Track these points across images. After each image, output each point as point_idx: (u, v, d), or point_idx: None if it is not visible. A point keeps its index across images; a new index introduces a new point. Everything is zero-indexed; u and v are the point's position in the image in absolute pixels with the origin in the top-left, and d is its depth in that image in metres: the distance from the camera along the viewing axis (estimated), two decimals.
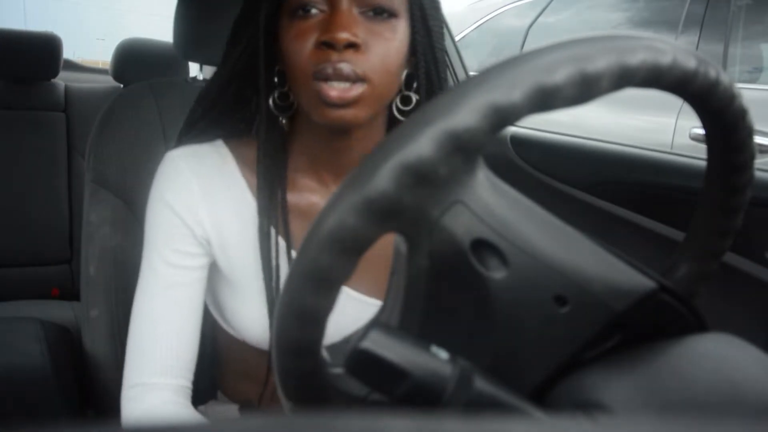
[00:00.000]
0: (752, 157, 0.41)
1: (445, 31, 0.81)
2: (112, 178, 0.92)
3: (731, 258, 0.79)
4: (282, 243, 0.69)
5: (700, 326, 0.38)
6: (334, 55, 0.59)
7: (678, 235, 0.87)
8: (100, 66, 3.17)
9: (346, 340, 0.40)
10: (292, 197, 0.71)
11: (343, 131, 0.66)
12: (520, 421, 0.20)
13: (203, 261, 0.70)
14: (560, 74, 0.31)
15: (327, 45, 0.59)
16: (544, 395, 0.37)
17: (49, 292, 1.77)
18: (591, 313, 0.36)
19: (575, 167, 1.06)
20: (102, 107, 0.96)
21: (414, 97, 0.68)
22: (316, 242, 0.32)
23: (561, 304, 0.36)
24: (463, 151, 0.31)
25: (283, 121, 0.69)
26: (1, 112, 1.78)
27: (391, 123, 0.70)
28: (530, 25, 2.92)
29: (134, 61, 1.90)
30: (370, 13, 0.61)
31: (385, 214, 0.31)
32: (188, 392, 0.69)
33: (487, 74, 0.32)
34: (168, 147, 0.78)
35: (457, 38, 1.28)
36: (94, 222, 0.90)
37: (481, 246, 0.36)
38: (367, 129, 0.67)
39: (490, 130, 0.31)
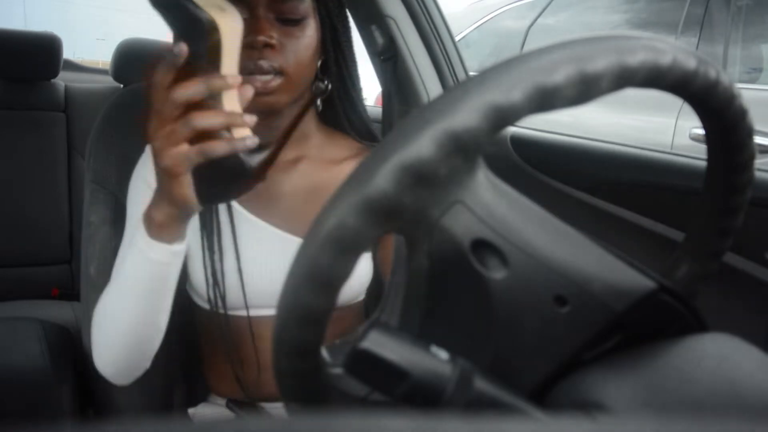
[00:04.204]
0: (752, 157, 0.41)
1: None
2: (112, 178, 0.92)
3: (731, 258, 0.79)
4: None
5: (700, 326, 0.38)
6: (255, 54, 0.72)
7: (678, 235, 0.87)
8: (100, 66, 3.17)
9: (345, 341, 0.40)
10: None
11: (272, 112, 0.78)
12: (520, 421, 0.20)
13: None
14: (560, 74, 0.31)
15: (249, 46, 0.71)
16: (544, 395, 0.37)
17: (49, 292, 1.77)
18: (591, 313, 0.36)
19: (575, 167, 1.06)
20: (102, 107, 0.96)
21: (326, 80, 0.83)
22: (316, 242, 0.32)
23: (561, 304, 0.36)
24: (463, 151, 0.31)
25: None
26: (1, 112, 1.78)
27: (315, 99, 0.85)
28: (530, 26, 2.92)
29: (134, 61, 1.90)
30: (282, 18, 0.75)
31: (385, 215, 0.31)
32: None
33: (487, 74, 0.32)
34: None
35: (457, 38, 1.27)
36: (94, 222, 0.90)
37: (481, 246, 0.36)
38: (295, 107, 0.81)
39: (490, 131, 0.31)
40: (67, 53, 2.00)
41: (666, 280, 0.37)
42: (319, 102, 0.84)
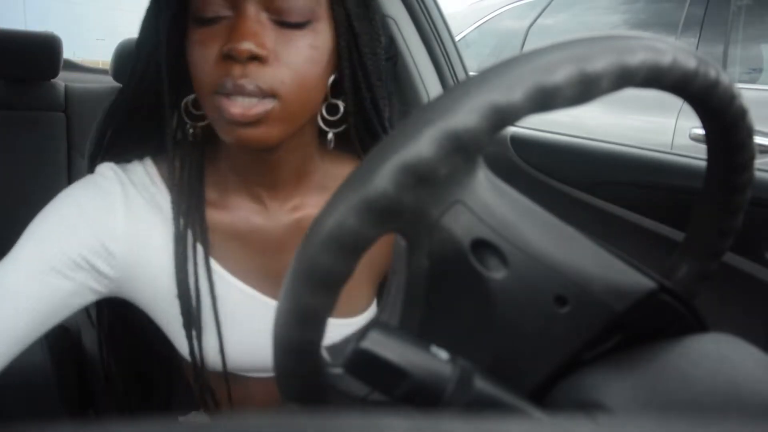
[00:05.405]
0: (752, 157, 0.41)
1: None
2: None
3: (731, 258, 0.79)
4: (204, 263, 0.62)
5: (700, 326, 0.38)
6: (237, 69, 0.52)
7: (678, 235, 0.87)
8: (100, 66, 3.17)
9: (346, 341, 0.40)
10: (225, 218, 0.64)
11: (261, 148, 0.58)
12: (520, 421, 0.20)
13: (82, 280, 0.59)
14: (560, 74, 0.31)
15: (228, 57, 0.52)
16: (544, 395, 0.37)
17: None
18: (591, 313, 0.36)
19: (575, 167, 1.06)
20: (102, 107, 0.96)
21: (340, 105, 0.62)
22: (316, 242, 0.32)
23: (561, 304, 0.36)
24: (463, 151, 0.31)
25: (190, 131, 0.62)
26: (1, 112, 1.78)
27: (320, 131, 0.64)
28: (530, 26, 2.92)
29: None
30: (281, 20, 0.54)
31: (385, 215, 0.31)
32: None
33: (487, 74, 0.32)
34: None
35: (457, 38, 1.27)
36: None
37: (481, 246, 0.36)
38: (296, 140, 0.60)
39: (490, 131, 0.31)
40: (67, 53, 2.00)
41: (666, 280, 0.37)
42: (330, 136, 0.63)
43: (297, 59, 0.54)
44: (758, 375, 0.32)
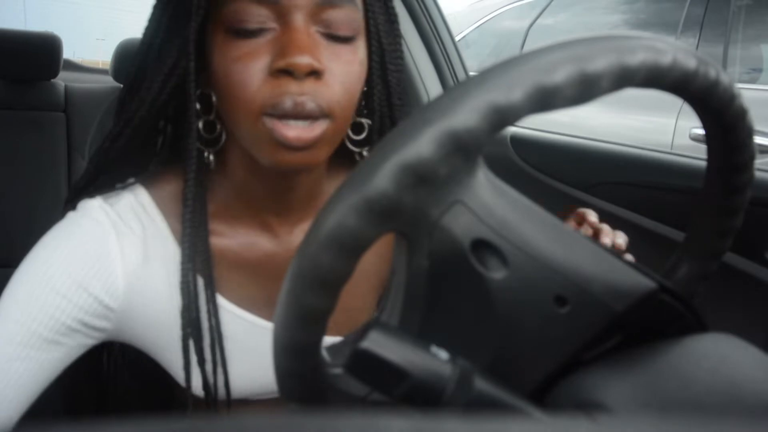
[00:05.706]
0: (752, 157, 0.41)
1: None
2: None
3: (731, 258, 0.79)
4: (211, 300, 0.58)
5: (700, 326, 0.38)
6: (294, 86, 0.48)
7: (678, 235, 0.87)
8: (100, 66, 3.17)
9: (345, 341, 0.40)
10: (231, 247, 0.60)
11: (298, 173, 0.56)
12: (520, 421, 0.20)
13: (76, 342, 0.56)
14: (560, 74, 0.31)
15: (285, 72, 0.48)
16: (544, 395, 0.37)
17: None
18: (591, 313, 0.36)
19: (575, 167, 1.06)
20: (102, 107, 0.96)
21: (366, 124, 0.59)
22: (316, 242, 0.32)
23: (561, 304, 0.36)
24: (463, 151, 0.31)
25: (211, 158, 0.57)
26: (1, 112, 1.78)
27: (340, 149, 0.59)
28: (530, 26, 2.93)
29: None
30: (330, 34, 0.51)
31: (385, 215, 0.31)
32: None
33: (487, 74, 0.32)
34: None
35: (457, 38, 1.28)
36: None
37: (481, 246, 0.36)
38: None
39: (490, 130, 0.31)
40: (67, 53, 2.00)
41: (666, 280, 0.37)
42: (366, 154, 0.60)
43: (347, 76, 0.52)
44: (758, 375, 0.33)
